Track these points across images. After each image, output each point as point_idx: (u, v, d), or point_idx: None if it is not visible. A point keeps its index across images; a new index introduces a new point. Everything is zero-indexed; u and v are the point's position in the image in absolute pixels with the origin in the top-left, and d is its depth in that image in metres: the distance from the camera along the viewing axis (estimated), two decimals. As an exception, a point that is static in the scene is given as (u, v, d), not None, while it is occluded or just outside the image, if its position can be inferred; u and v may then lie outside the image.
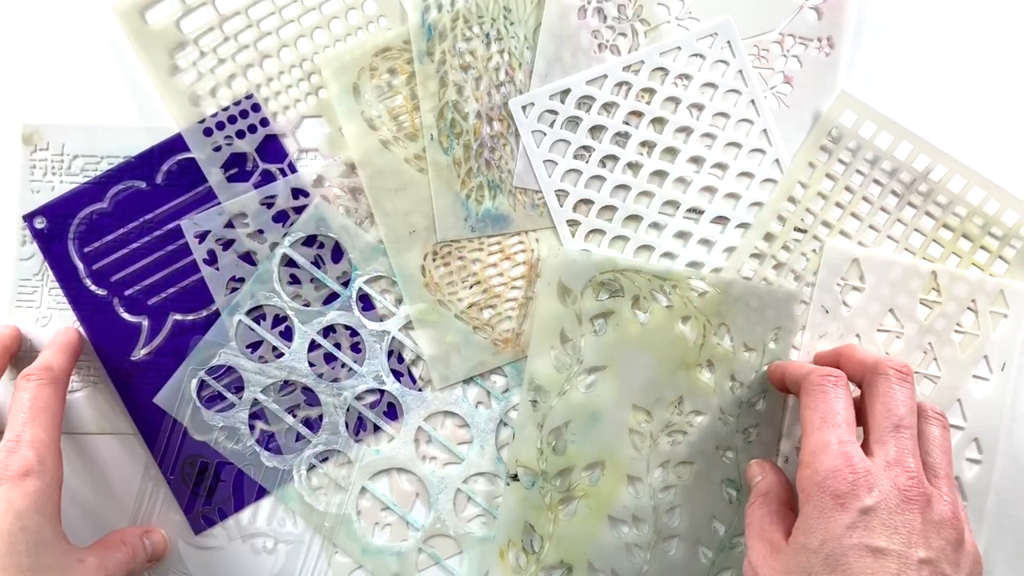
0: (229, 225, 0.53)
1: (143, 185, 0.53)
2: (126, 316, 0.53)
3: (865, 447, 0.43)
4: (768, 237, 0.52)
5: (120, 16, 0.52)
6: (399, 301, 0.53)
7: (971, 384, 0.51)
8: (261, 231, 0.53)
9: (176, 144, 0.53)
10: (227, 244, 0.53)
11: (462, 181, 0.52)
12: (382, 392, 0.53)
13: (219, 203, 0.53)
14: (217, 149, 0.53)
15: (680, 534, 0.51)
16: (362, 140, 0.52)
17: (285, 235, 0.53)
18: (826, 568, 0.39)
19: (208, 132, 0.53)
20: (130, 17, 0.52)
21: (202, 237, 0.53)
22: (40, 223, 0.53)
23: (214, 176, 0.53)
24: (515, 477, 0.52)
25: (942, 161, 0.51)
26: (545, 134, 0.52)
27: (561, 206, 0.52)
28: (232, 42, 0.53)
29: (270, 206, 0.53)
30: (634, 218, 0.53)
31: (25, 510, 0.43)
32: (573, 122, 0.52)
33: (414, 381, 0.53)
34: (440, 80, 0.52)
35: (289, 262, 0.53)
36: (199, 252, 0.53)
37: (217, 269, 0.53)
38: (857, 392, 0.46)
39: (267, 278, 0.53)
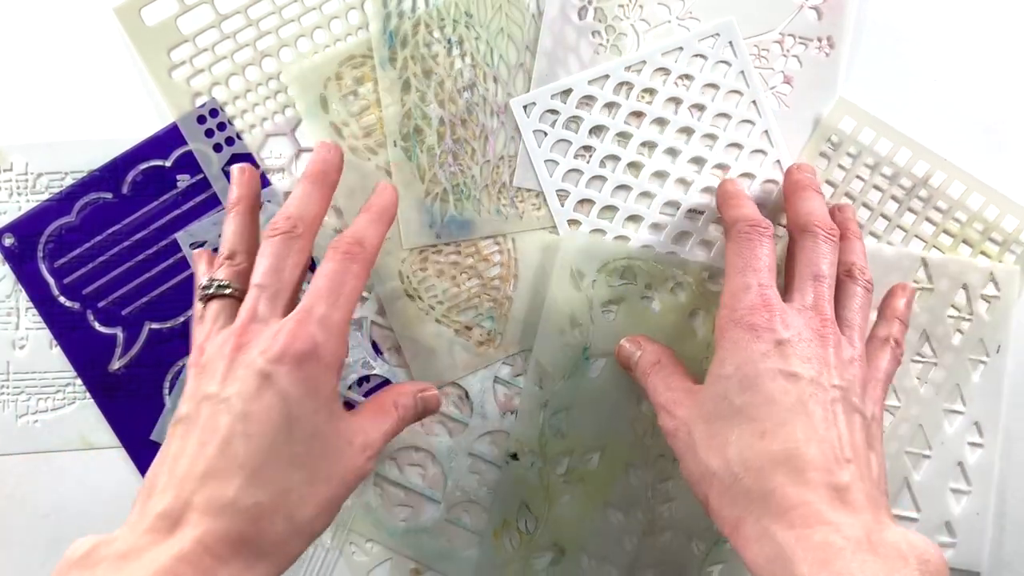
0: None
1: (109, 196, 0.52)
2: (100, 328, 0.53)
3: (785, 296, 0.44)
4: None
5: (118, 13, 0.52)
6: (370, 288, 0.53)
7: (968, 367, 0.52)
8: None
9: (139, 153, 0.52)
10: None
11: (426, 188, 0.52)
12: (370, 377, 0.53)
13: (189, 208, 0.53)
14: (218, 149, 0.53)
15: (674, 525, 0.52)
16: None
17: None
18: (740, 389, 0.41)
19: (209, 134, 0.52)
20: (129, 16, 0.52)
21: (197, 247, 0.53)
22: (9, 240, 0.52)
23: (218, 183, 0.53)
24: (515, 456, 0.52)
25: (941, 167, 0.52)
26: (546, 134, 0.52)
27: (562, 206, 0.53)
28: (231, 41, 0.52)
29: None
30: (635, 218, 0.53)
31: (298, 397, 0.40)
32: (574, 122, 0.52)
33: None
34: (403, 86, 0.52)
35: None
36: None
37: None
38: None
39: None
